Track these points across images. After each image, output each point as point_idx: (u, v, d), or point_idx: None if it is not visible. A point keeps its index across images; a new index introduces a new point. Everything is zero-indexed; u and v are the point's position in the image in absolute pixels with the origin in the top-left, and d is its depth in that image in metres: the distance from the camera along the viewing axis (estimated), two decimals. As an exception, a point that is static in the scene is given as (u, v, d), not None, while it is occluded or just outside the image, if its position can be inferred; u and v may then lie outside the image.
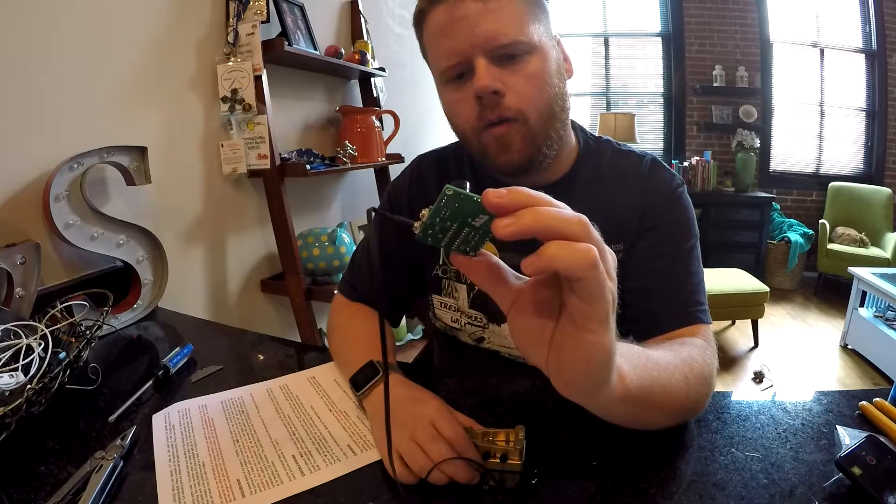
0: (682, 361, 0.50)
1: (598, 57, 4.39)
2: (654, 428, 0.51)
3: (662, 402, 0.46)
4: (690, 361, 0.51)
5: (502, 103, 0.59)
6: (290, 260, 1.40)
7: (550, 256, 0.29)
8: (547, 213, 0.30)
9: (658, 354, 0.48)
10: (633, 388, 0.40)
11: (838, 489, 0.45)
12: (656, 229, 0.67)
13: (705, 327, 0.62)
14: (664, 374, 0.46)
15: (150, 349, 0.88)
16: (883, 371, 2.44)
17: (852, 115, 4.12)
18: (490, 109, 0.60)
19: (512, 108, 0.60)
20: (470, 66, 0.59)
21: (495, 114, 0.60)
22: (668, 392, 0.46)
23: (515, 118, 0.60)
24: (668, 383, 0.46)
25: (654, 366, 0.45)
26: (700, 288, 0.65)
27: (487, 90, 0.58)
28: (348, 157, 1.58)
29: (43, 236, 0.93)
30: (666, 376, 0.46)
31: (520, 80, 0.59)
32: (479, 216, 0.32)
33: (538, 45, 0.61)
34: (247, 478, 0.50)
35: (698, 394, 0.51)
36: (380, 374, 0.60)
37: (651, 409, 0.46)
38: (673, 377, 0.47)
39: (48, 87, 0.94)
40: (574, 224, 0.30)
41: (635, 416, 0.47)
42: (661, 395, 0.45)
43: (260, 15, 1.30)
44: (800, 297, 3.71)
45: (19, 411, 0.54)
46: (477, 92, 0.59)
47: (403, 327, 1.92)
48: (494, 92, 0.58)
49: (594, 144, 0.74)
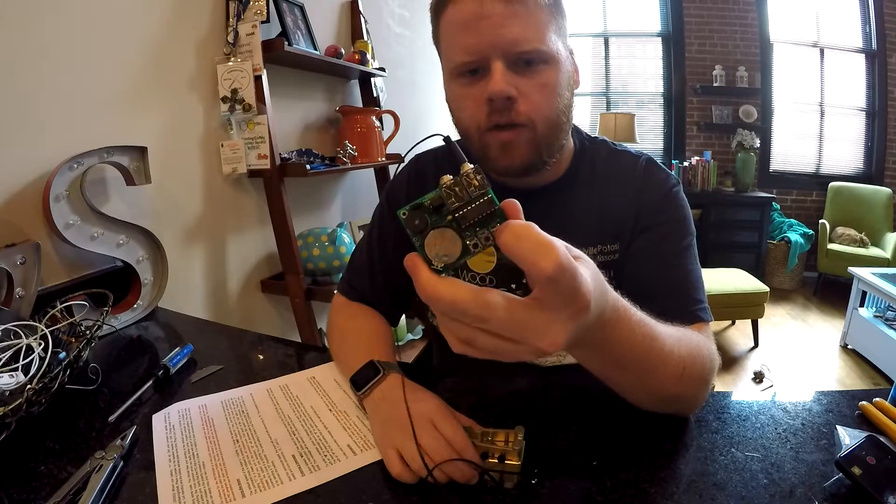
0: (689, 341, 0.51)
1: (598, 57, 4.39)
2: (643, 403, 0.52)
3: (661, 365, 0.46)
4: (697, 347, 0.52)
5: (514, 108, 0.59)
6: (290, 260, 1.40)
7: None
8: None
9: (668, 328, 0.49)
10: (635, 321, 0.42)
11: (838, 489, 0.45)
12: (652, 229, 0.67)
13: (706, 326, 0.62)
14: (669, 339, 0.47)
15: (150, 349, 0.88)
16: (883, 371, 2.44)
17: (852, 115, 4.12)
18: (500, 113, 0.60)
19: (522, 115, 0.60)
20: (485, 65, 0.59)
21: (505, 118, 0.60)
22: (668, 361, 0.47)
23: (524, 124, 0.60)
24: (671, 351, 0.47)
25: (661, 328, 0.46)
26: (699, 285, 0.65)
27: (502, 95, 0.58)
28: (348, 157, 1.58)
29: (43, 236, 0.93)
30: (671, 343, 0.47)
31: (533, 87, 0.59)
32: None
33: (556, 56, 0.60)
34: (247, 478, 0.50)
35: (695, 380, 0.51)
36: (380, 373, 0.60)
37: (647, 373, 0.47)
38: (676, 348, 0.48)
39: (48, 87, 0.94)
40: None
41: (631, 373, 0.47)
42: (658, 358, 0.46)
43: (260, 15, 1.30)
44: (800, 297, 3.71)
45: (19, 411, 0.54)
46: (491, 95, 0.58)
47: (403, 327, 1.92)
48: (508, 97, 0.58)
49: (590, 145, 0.74)
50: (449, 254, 0.33)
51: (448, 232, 0.33)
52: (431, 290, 0.33)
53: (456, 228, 0.33)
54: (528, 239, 0.31)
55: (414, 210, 0.33)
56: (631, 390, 0.51)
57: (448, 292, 0.32)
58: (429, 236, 0.33)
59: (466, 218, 0.33)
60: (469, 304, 0.32)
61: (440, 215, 0.33)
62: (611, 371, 0.48)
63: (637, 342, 0.43)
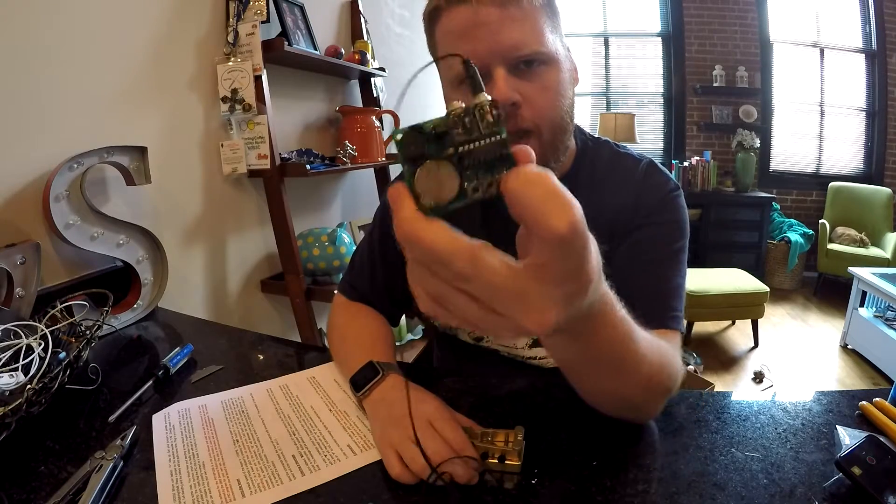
0: (660, 348, 0.49)
1: (598, 57, 4.39)
2: (602, 406, 0.51)
3: (633, 368, 0.44)
4: (667, 356, 0.50)
5: (518, 114, 0.58)
6: (290, 260, 1.40)
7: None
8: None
9: (643, 332, 0.45)
10: (618, 318, 0.38)
11: (838, 489, 0.45)
12: (643, 227, 0.66)
13: (675, 334, 0.60)
14: (643, 343, 0.44)
15: (150, 349, 0.88)
16: (883, 371, 2.44)
17: (852, 115, 4.12)
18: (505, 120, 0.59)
19: (528, 120, 0.59)
20: (486, 72, 0.58)
21: (510, 125, 0.59)
22: (639, 365, 0.44)
23: (530, 130, 0.59)
24: (644, 355, 0.44)
25: (638, 330, 0.43)
26: (678, 293, 0.64)
27: (506, 102, 0.57)
28: (348, 157, 1.58)
29: (43, 236, 0.93)
30: (644, 347, 0.44)
31: (536, 90, 0.59)
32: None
33: (555, 56, 0.60)
34: (247, 478, 0.50)
35: (659, 389, 0.50)
36: (380, 374, 0.60)
37: (617, 374, 0.44)
38: (649, 353, 0.45)
39: (48, 87, 0.94)
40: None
41: (602, 372, 0.45)
42: (632, 361, 0.43)
43: (260, 15, 1.30)
44: (800, 297, 3.71)
45: (19, 411, 0.54)
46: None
47: (403, 327, 1.92)
48: (513, 104, 0.57)
49: (592, 145, 0.74)
50: (441, 192, 0.28)
51: (446, 167, 0.28)
52: (410, 228, 0.27)
53: (456, 165, 0.28)
54: (541, 186, 0.27)
55: (412, 132, 0.28)
56: (595, 391, 0.50)
57: (430, 236, 0.27)
58: (422, 167, 0.28)
59: (472, 155, 0.28)
60: (454, 254, 0.26)
61: (440, 145, 0.28)
62: (581, 366, 0.45)
63: (616, 340, 0.40)
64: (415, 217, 0.27)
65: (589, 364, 0.44)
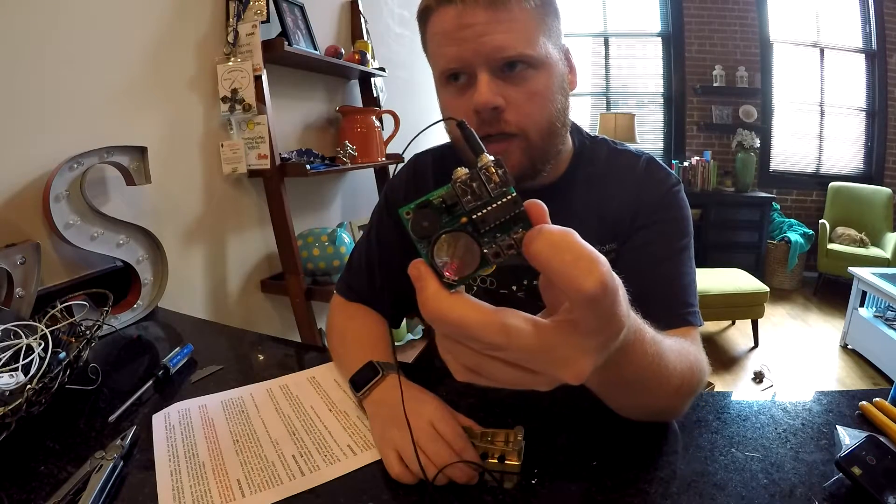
0: (688, 355, 0.49)
1: (598, 57, 4.38)
2: (632, 416, 0.51)
3: (665, 383, 0.44)
4: (695, 361, 0.51)
5: (502, 118, 0.58)
6: (290, 260, 1.40)
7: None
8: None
9: (669, 341, 0.46)
10: (648, 341, 0.38)
11: (838, 489, 0.45)
12: (648, 227, 0.66)
13: (695, 330, 0.61)
14: (672, 355, 0.44)
15: (150, 349, 0.88)
16: (883, 371, 2.44)
17: (852, 115, 4.12)
18: (488, 124, 0.58)
19: (512, 124, 0.59)
20: (471, 73, 0.58)
21: (495, 128, 0.58)
22: (670, 379, 0.44)
23: (515, 133, 0.59)
24: (674, 368, 0.44)
25: (666, 345, 0.43)
26: (691, 289, 0.64)
27: (487, 106, 0.57)
28: (348, 157, 1.58)
29: (43, 236, 0.93)
30: (673, 360, 0.44)
31: (521, 95, 0.58)
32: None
33: (544, 61, 0.59)
34: (247, 478, 0.50)
35: (688, 394, 0.50)
36: (379, 374, 0.60)
37: (648, 392, 0.44)
38: (678, 364, 0.46)
39: (48, 87, 0.94)
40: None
41: (633, 392, 0.45)
42: (664, 377, 0.43)
43: (260, 15, 1.30)
44: (800, 297, 3.71)
45: (19, 411, 0.54)
46: (476, 107, 0.57)
47: (403, 327, 1.92)
48: (494, 108, 0.57)
49: (590, 144, 0.74)
50: (462, 264, 0.27)
51: (463, 237, 0.27)
52: (437, 307, 0.27)
53: (471, 233, 0.27)
54: (568, 250, 0.26)
55: (420, 209, 0.27)
56: (626, 406, 0.50)
57: (458, 312, 0.27)
58: (439, 242, 0.27)
59: (486, 221, 0.27)
60: (484, 328, 0.26)
61: (452, 216, 0.27)
62: (613, 389, 0.45)
63: (647, 364, 0.40)
64: (439, 295, 0.27)
65: (620, 387, 0.44)
